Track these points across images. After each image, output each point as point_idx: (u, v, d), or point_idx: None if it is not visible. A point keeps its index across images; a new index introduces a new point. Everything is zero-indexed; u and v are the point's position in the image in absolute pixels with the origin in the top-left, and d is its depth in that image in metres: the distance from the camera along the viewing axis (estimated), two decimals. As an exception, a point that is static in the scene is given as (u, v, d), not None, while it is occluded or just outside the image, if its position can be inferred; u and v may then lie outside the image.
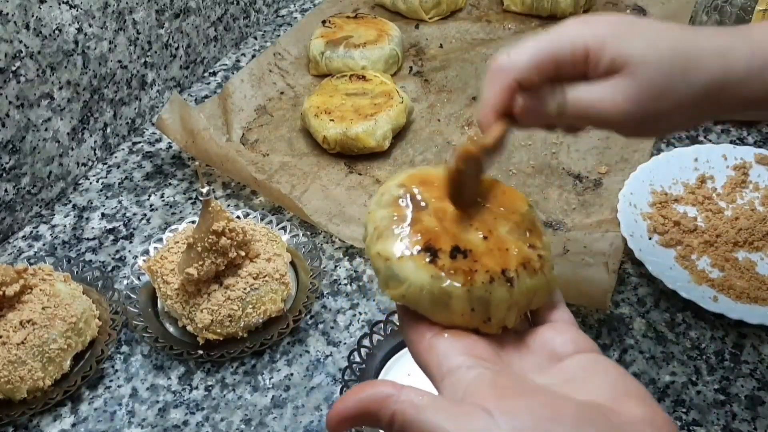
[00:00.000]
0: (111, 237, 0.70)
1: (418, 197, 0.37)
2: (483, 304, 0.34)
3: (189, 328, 0.57)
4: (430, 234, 0.35)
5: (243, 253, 0.57)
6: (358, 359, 0.55)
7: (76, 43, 0.72)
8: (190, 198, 0.74)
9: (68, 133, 0.74)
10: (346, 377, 0.54)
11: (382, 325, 0.57)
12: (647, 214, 0.67)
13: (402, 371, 0.55)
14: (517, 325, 0.36)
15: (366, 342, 0.56)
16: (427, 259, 0.34)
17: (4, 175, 0.68)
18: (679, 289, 0.59)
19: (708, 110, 0.41)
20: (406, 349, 0.56)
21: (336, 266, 0.66)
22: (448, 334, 0.34)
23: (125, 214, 0.73)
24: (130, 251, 0.69)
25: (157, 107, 0.86)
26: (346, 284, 0.64)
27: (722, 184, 0.71)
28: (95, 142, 0.78)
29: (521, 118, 0.42)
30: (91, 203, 0.74)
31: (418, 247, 0.34)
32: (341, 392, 0.53)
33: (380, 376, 0.54)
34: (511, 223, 0.37)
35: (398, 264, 0.34)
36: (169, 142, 0.81)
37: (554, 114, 0.41)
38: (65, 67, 0.71)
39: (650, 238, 0.65)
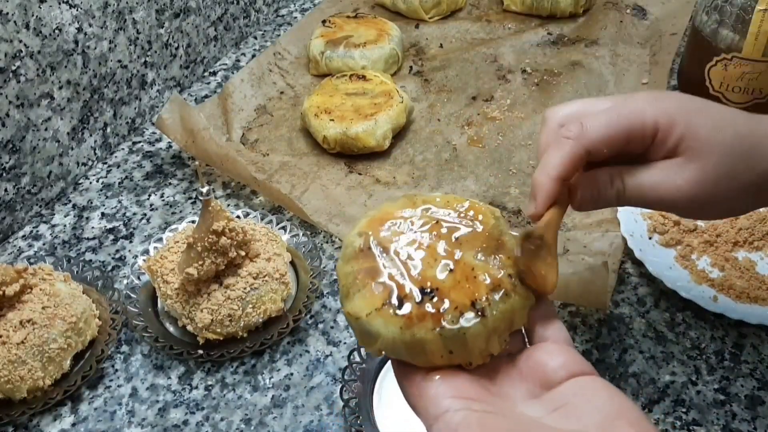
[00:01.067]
0: (111, 237, 0.70)
1: (378, 244, 0.37)
2: (459, 342, 0.34)
3: (189, 327, 0.57)
4: (394, 281, 0.35)
5: (243, 253, 0.57)
6: (358, 359, 0.55)
7: (76, 42, 0.72)
8: (190, 198, 0.74)
9: (68, 133, 0.74)
10: (346, 377, 0.54)
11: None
12: (647, 214, 0.67)
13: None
14: (510, 346, 0.36)
15: (366, 342, 0.56)
16: (394, 311, 0.34)
17: (4, 174, 0.68)
18: (679, 289, 0.59)
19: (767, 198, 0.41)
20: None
21: (336, 266, 0.66)
22: (437, 377, 0.34)
23: (125, 213, 0.73)
24: (130, 251, 0.69)
25: (157, 107, 0.86)
26: (346, 284, 0.64)
27: None
28: (95, 141, 0.78)
29: (579, 207, 0.42)
30: (91, 203, 0.74)
31: (383, 300, 0.34)
32: (341, 392, 0.53)
33: (380, 376, 0.54)
34: (477, 243, 0.37)
35: (367, 321, 0.34)
36: (169, 142, 0.81)
37: (613, 200, 0.41)
38: (65, 66, 0.71)
39: (650, 238, 0.65)
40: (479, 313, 0.34)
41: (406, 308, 0.34)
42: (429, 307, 0.34)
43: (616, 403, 0.32)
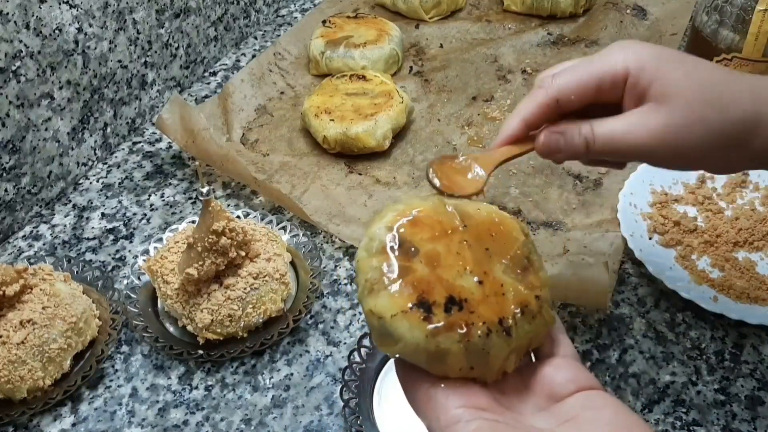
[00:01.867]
0: (111, 237, 0.70)
1: (408, 242, 0.35)
2: (481, 357, 0.33)
3: (189, 327, 0.57)
4: (423, 285, 0.33)
5: (243, 253, 0.57)
6: (358, 359, 0.55)
7: (77, 42, 0.72)
8: (190, 198, 0.74)
9: (68, 133, 0.74)
10: (346, 377, 0.54)
11: (382, 325, 0.57)
12: (647, 214, 0.67)
13: (402, 371, 0.55)
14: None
15: (366, 342, 0.56)
16: (421, 316, 0.33)
17: (5, 174, 0.68)
18: (679, 289, 0.59)
19: (742, 151, 0.40)
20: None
21: (336, 266, 0.66)
22: (445, 384, 0.34)
23: (125, 213, 0.73)
24: (130, 251, 0.69)
25: (157, 107, 0.86)
26: (346, 284, 0.64)
27: (722, 184, 0.71)
28: (95, 141, 0.78)
29: (542, 150, 0.42)
30: (91, 203, 0.74)
31: (411, 303, 0.33)
32: (341, 392, 0.53)
33: (380, 377, 0.54)
34: (506, 259, 0.36)
35: (391, 322, 0.33)
36: (169, 142, 0.81)
37: (582, 148, 0.41)
38: (65, 66, 0.71)
39: (650, 238, 0.65)
40: (505, 332, 0.33)
41: (435, 316, 0.33)
42: (458, 319, 0.33)
43: (624, 417, 0.32)
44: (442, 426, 0.32)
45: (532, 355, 0.37)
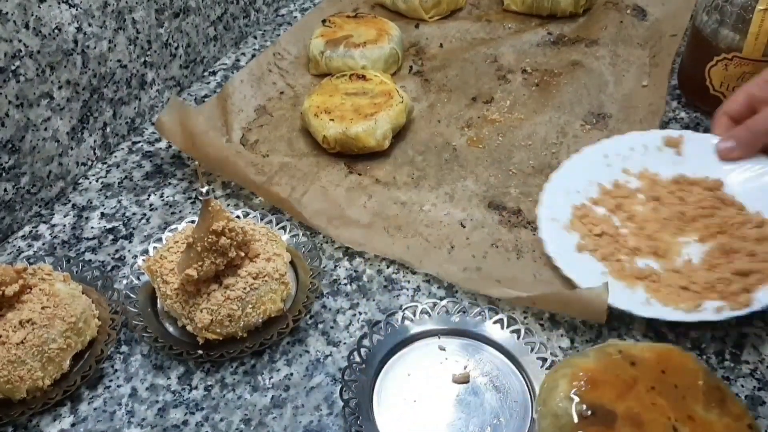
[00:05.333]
0: (110, 237, 0.70)
1: (599, 407, 0.32)
2: None
3: (188, 328, 0.57)
4: None
5: (243, 253, 0.57)
6: (358, 359, 0.55)
7: (76, 42, 0.72)
8: (190, 197, 0.74)
9: (68, 133, 0.74)
10: (346, 377, 0.54)
11: (382, 324, 0.57)
12: (570, 225, 0.65)
13: (402, 371, 0.55)
14: None
15: (366, 342, 0.56)
16: None
17: (4, 174, 0.67)
18: (614, 300, 0.56)
19: None
20: (406, 349, 0.56)
21: (336, 266, 0.66)
22: None
23: (125, 213, 0.73)
24: (129, 251, 0.69)
25: (157, 107, 0.86)
26: (346, 284, 0.64)
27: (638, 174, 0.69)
28: (95, 141, 0.78)
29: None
30: (91, 203, 0.74)
31: None
32: (341, 392, 0.53)
33: (380, 376, 0.54)
34: (700, 396, 0.33)
35: None
36: (169, 142, 0.81)
37: None
38: (65, 66, 0.71)
39: (579, 252, 0.63)
40: None
41: None
42: None
43: None
44: None
45: None
